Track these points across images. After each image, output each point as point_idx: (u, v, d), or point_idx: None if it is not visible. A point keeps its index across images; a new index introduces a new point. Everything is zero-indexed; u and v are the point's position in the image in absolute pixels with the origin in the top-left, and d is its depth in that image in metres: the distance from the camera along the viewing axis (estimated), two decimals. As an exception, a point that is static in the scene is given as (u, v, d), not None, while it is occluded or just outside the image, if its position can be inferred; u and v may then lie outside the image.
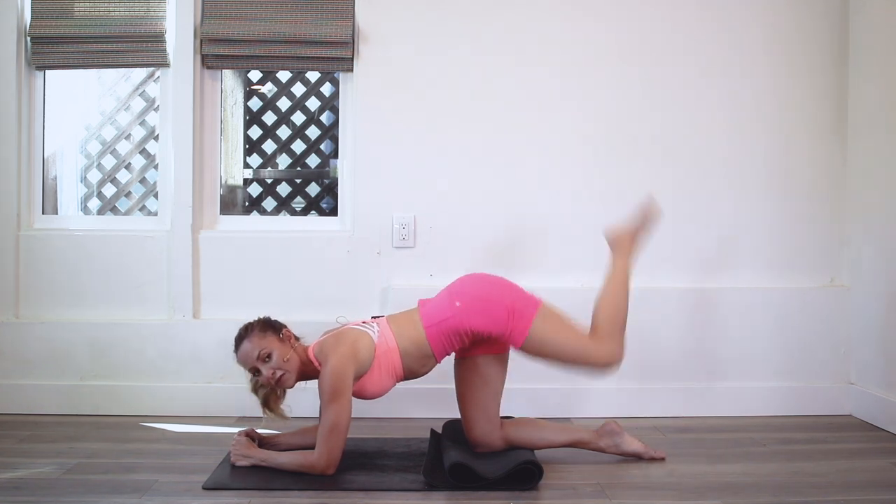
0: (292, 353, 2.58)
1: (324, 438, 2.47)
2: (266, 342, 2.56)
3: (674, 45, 3.42)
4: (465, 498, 2.38)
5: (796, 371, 3.41)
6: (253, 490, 2.42)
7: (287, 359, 2.56)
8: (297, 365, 2.58)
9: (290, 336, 2.63)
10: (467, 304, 2.59)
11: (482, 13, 3.40)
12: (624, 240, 2.84)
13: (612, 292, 2.76)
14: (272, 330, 2.60)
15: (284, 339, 2.59)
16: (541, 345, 2.60)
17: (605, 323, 2.70)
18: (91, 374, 3.32)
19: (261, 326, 2.60)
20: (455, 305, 2.59)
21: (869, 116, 3.32)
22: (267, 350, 2.55)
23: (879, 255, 3.25)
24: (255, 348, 2.55)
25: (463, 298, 2.61)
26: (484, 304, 2.58)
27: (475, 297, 2.61)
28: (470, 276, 2.75)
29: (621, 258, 2.81)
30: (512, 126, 3.41)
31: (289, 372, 2.56)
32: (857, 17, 3.40)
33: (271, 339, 2.57)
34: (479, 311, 2.57)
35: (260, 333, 2.58)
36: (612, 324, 2.70)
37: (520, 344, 2.60)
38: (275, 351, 2.55)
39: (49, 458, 2.71)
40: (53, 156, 3.66)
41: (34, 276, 3.36)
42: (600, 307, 2.75)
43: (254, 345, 2.56)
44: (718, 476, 2.59)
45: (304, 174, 4.44)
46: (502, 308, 2.57)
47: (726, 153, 3.44)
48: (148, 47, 3.35)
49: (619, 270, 2.79)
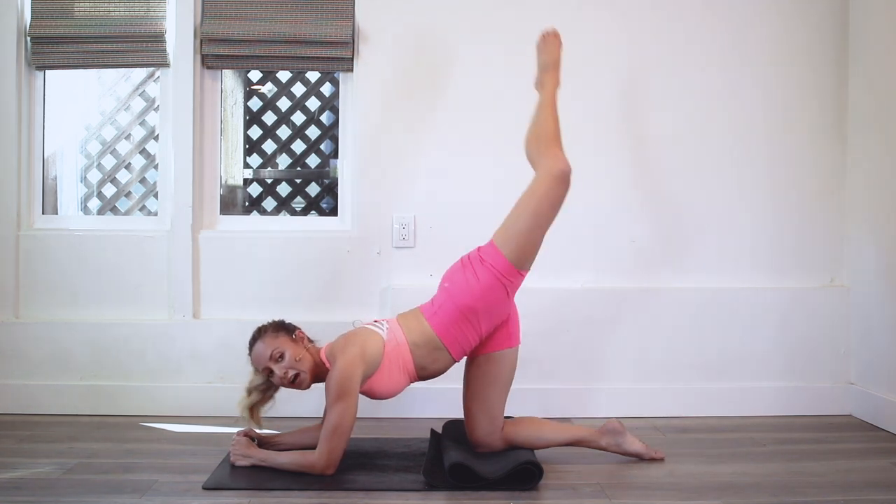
0: (305, 354, 2.58)
1: (326, 438, 2.47)
2: (279, 342, 2.57)
3: (673, 45, 3.42)
4: (465, 498, 2.38)
5: (796, 371, 3.41)
6: (253, 490, 2.42)
7: (299, 358, 2.56)
8: (310, 365, 2.58)
9: (304, 337, 2.64)
10: (454, 281, 2.63)
11: (482, 13, 3.40)
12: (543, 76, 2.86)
13: (537, 120, 2.77)
14: (285, 331, 2.62)
15: (297, 340, 2.60)
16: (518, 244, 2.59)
17: (535, 149, 2.70)
18: (91, 374, 3.32)
19: (273, 328, 2.62)
20: (445, 288, 2.64)
21: (869, 116, 3.32)
22: (280, 350, 2.56)
23: (879, 255, 3.25)
24: (268, 348, 2.57)
25: (448, 279, 2.66)
26: (465, 271, 2.61)
27: (454, 271, 2.66)
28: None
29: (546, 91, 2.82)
30: (512, 126, 3.40)
31: (303, 372, 2.56)
32: (858, 17, 3.40)
33: (283, 339, 2.59)
34: (467, 279, 2.60)
35: (273, 334, 2.60)
36: (539, 142, 2.70)
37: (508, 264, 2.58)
38: (287, 350, 2.56)
39: (49, 458, 2.71)
40: (53, 156, 3.66)
41: (34, 276, 3.36)
42: (529, 141, 2.74)
43: (266, 345, 2.58)
44: (718, 476, 2.59)
45: (304, 174, 4.44)
46: (476, 261, 2.61)
47: (726, 153, 3.44)
48: (148, 47, 3.35)
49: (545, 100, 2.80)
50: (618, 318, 3.37)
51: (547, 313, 3.30)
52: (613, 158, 3.42)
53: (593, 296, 3.38)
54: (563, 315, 3.35)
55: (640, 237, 3.40)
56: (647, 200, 3.40)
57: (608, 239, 3.41)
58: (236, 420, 3.13)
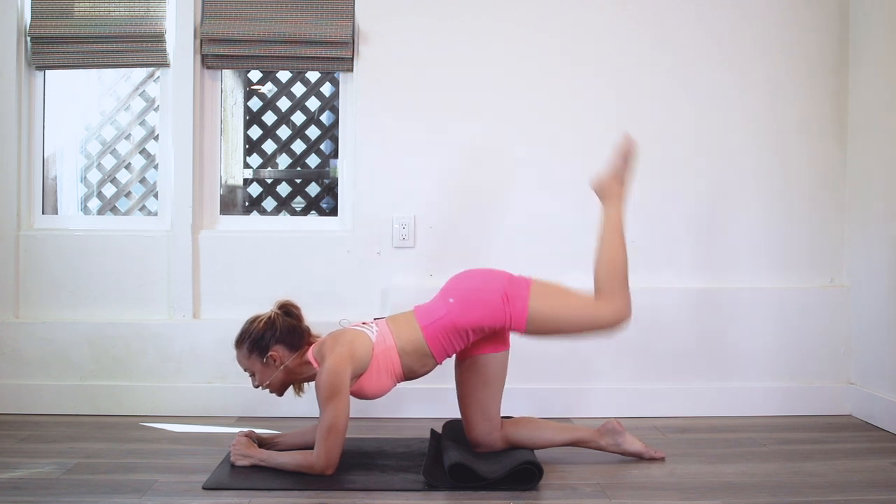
0: (276, 375, 2.60)
1: (322, 439, 2.47)
2: (249, 363, 2.62)
3: (674, 46, 3.42)
4: (465, 498, 2.38)
5: (796, 371, 3.41)
6: (253, 490, 2.42)
7: (268, 383, 2.61)
8: (279, 384, 2.62)
9: (278, 358, 2.59)
10: (461, 299, 2.57)
11: (483, 13, 3.40)
12: (611, 185, 2.75)
13: (608, 245, 2.68)
14: (258, 353, 2.59)
15: (268, 364, 2.59)
16: (544, 322, 2.56)
17: (606, 280, 2.64)
18: (91, 374, 3.32)
19: (249, 346, 2.60)
20: (449, 302, 2.58)
21: (869, 117, 3.33)
22: (250, 370, 2.63)
23: (879, 255, 3.25)
24: (241, 363, 2.64)
25: (456, 294, 2.60)
26: (477, 296, 2.56)
27: (467, 290, 2.59)
28: (460, 273, 2.72)
29: (612, 205, 2.73)
30: (513, 125, 3.41)
31: (272, 388, 2.62)
32: (858, 17, 3.40)
33: (254, 361, 2.60)
34: (474, 304, 2.56)
35: (246, 353, 2.61)
36: (613, 279, 2.63)
37: (523, 327, 2.57)
38: (257, 374, 2.62)
39: (49, 458, 2.71)
40: (53, 156, 3.66)
41: (34, 276, 3.36)
42: (599, 264, 2.68)
43: (239, 360, 2.64)
44: (718, 476, 2.59)
45: (304, 174, 4.44)
46: (496, 295, 2.55)
47: (726, 153, 3.44)
48: (148, 47, 3.35)
49: (612, 219, 2.71)
50: (618, 318, 3.37)
51: (547, 313, 3.29)
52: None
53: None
54: (563, 315, 3.34)
55: (640, 237, 3.40)
56: (647, 200, 3.40)
57: (608, 239, 3.41)
58: (236, 420, 3.13)
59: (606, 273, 2.65)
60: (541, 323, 2.57)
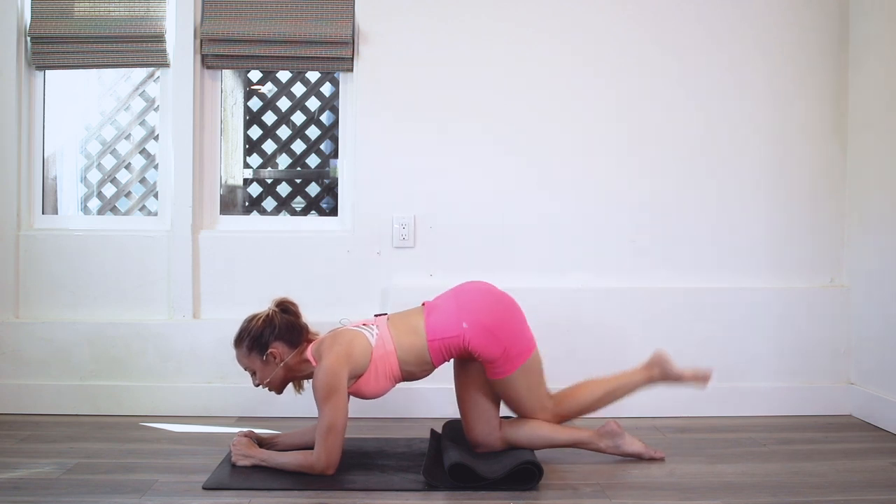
0: (276, 372, 2.60)
1: (322, 439, 2.47)
2: (249, 361, 2.62)
3: (674, 46, 3.42)
4: (465, 498, 2.38)
5: (796, 371, 3.41)
6: (253, 490, 2.42)
7: (268, 380, 2.61)
8: (279, 382, 2.63)
9: (278, 355, 2.60)
10: (474, 330, 2.57)
11: (483, 13, 3.40)
12: (664, 369, 2.79)
13: (609, 392, 2.77)
14: (258, 351, 2.60)
15: (268, 361, 2.60)
16: (507, 390, 2.64)
17: (574, 407, 2.74)
18: (91, 374, 3.32)
19: (249, 344, 2.60)
20: (462, 327, 2.57)
21: (869, 117, 3.32)
22: (250, 369, 2.64)
23: (879, 255, 3.25)
24: (241, 362, 2.65)
25: (471, 321, 2.57)
26: (489, 339, 2.56)
27: (484, 326, 2.57)
28: (481, 291, 2.69)
29: (643, 376, 2.80)
30: (513, 125, 3.41)
31: (274, 389, 2.64)
32: (858, 17, 3.40)
33: (254, 359, 2.61)
34: (482, 339, 2.56)
35: (246, 351, 2.61)
36: (578, 411, 2.75)
37: (493, 378, 2.62)
38: (257, 372, 2.63)
39: (49, 458, 2.71)
40: (53, 156, 3.66)
41: (34, 276, 3.36)
42: (586, 391, 2.77)
43: (239, 359, 2.65)
44: (718, 476, 2.59)
45: (304, 174, 4.44)
46: (501, 347, 2.57)
47: (727, 153, 3.44)
48: (148, 47, 3.35)
49: (631, 384, 2.79)
50: (618, 317, 3.37)
51: (547, 313, 3.29)
52: (613, 159, 3.42)
53: (593, 296, 3.38)
54: (563, 315, 3.35)
55: (639, 237, 3.40)
56: (648, 200, 3.40)
57: (608, 239, 3.41)
58: (236, 420, 3.13)
59: (580, 404, 2.75)
60: (505, 389, 2.64)
